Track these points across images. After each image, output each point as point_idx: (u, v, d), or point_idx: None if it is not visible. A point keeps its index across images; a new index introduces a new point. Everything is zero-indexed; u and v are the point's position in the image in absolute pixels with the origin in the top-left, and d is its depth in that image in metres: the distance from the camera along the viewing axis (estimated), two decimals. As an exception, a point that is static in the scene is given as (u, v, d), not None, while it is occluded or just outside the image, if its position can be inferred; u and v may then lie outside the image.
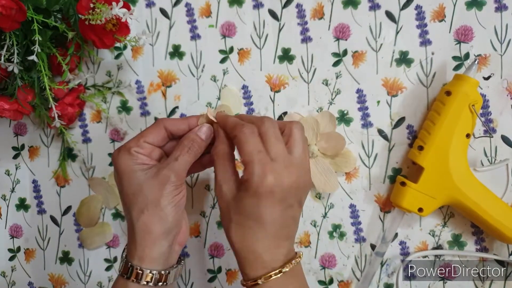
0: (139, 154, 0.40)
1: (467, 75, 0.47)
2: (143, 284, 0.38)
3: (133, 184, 0.39)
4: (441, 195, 0.47)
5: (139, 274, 0.38)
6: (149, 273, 0.38)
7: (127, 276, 0.38)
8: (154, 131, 0.41)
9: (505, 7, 0.49)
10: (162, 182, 0.38)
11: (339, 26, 0.53)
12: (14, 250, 0.62)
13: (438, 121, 0.47)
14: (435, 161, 0.47)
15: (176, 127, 0.42)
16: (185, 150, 0.40)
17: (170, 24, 0.56)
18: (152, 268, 0.38)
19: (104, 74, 0.58)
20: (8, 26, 0.44)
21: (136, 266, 0.38)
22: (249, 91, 0.55)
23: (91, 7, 0.45)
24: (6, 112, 0.51)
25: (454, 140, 0.46)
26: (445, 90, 0.47)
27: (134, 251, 0.39)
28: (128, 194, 0.39)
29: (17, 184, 0.62)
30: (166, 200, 0.38)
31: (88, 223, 0.59)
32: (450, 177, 0.46)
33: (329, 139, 0.52)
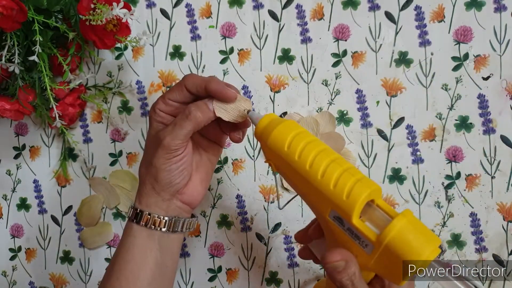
0: (161, 112, 0.41)
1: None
2: (142, 225, 0.41)
3: (147, 137, 0.43)
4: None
5: (137, 214, 0.41)
6: (147, 215, 0.41)
7: (130, 217, 0.42)
8: (177, 89, 0.41)
9: (504, 7, 0.49)
10: (157, 145, 0.40)
11: (338, 27, 0.53)
12: (15, 249, 0.63)
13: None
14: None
15: (194, 88, 0.40)
16: (185, 116, 0.39)
17: (171, 24, 0.57)
18: (151, 211, 0.41)
19: (104, 75, 0.58)
20: (9, 26, 0.44)
21: (136, 207, 0.42)
22: (249, 91, 0.55)
23: (91, 8, 0.45)
24: (7, 112, 0.51)
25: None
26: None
27: (138, 196, 0.42)
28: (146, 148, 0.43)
29: (18, 184, 0.62)
30: (157, 163, 0.40)
31: (88, 223, 0.60)
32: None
33: (329, 139, 0.52)
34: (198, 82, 0.40)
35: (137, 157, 0.58)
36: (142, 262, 0.41)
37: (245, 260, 0.56)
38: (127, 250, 0.41)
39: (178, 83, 0.41)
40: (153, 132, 0.41)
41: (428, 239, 0.31)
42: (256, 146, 0.55)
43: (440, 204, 0.51)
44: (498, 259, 0.51)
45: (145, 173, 0.42)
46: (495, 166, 0.50)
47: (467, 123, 0.50)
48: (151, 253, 0.41)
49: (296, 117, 0.53)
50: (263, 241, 0.55)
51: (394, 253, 0.30)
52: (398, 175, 0.52)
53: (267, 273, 0.55)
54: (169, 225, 0.42)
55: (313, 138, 0.36)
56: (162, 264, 0.42)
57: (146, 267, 0.41)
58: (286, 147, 0.35)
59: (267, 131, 0.37)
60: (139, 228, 0.41)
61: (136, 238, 0.41)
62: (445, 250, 0.51)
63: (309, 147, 0.34)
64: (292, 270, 0.55)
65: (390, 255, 0.30)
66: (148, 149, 0.42)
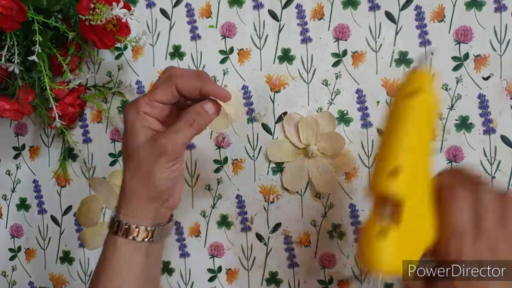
0: (147, 115, 0.39)
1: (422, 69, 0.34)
2: (130, 239, 0.39)
3: (133, 146, 0.38)
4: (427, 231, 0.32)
5: (126, 229, 0.39)
6: (135, 228, 0.39)
7: (116, 231, 0.39)
8: (166, 89, 0.38)
9: (505, 7, 0.49)
10: (158, 153, 0.37)
11: (338, 27, 0.53)
12: (14, 249, 0.63)
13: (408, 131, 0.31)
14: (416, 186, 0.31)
15: (187, 90, 0.38)
16: (188, 124, 0.38)
17: (171, 24, 0.57)
18: (138, 223, 0.39)
19: (104, 75, 0.58)
20: (9, 26, 0.44)
21: (123, 221, 0.39)
22: (249, 91, 0.55)
23: (91, 8, 0.45)
24: (7, 112, 0.51)
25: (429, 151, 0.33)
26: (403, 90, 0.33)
27: (123, 208, 0.39)
28: (126, 153, 0.39)
29: (18, 184, 0.62)
30: (158, 172, 0.38)
31: (88, 223, 0.59)
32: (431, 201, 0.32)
33: (329, 139, 0.52)
34: (191, 85, 0.38)
35: (137, 157, 0.58)
36: (129, 276, 0.39)
37: (245, 260, 0.56)
38: (112, 266, 0.39)
39: (165, 81, 0.38)
40: (143, 139, 0.38)
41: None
42: (256, 146, 0.55)
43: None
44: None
45: (139, 185, 0.39)
46: (495, 166, 0.50)
47: (467, 123, 0.50)
48: (138, 265, 0.39)
49: (296, 117, 0.53)
50: (263, 241, 0.55)
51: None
52: (398, 175, 0.52)
53: (267, 273, 0.55)
54: (154, 234, 0.40)
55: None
56: (149, 273, 0.41)
57: (133, 280, 0.39)
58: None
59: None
60: (125, 241, 0.39)
61: (122, 252, 0.39)
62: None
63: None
64: (292, 270, 0.55)
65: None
66: (143, 159, 0.38)
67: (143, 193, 0.39)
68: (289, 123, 0.53)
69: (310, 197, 0.54)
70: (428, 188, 0.32)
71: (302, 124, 0.52)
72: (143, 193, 0.39)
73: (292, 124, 0.53)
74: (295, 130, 0.53)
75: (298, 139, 0.52)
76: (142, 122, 0.38)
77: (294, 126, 0.53)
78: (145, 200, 0.39)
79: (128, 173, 0.39)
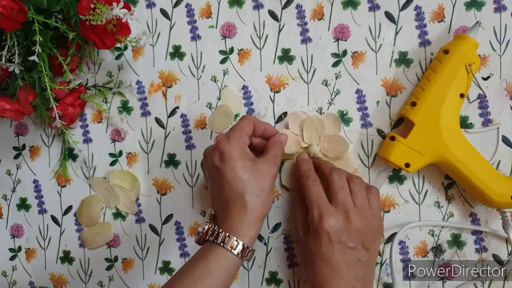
0: (245, 144, 0.46)
1: (468, 35, 0.47)
2: (233, 253, 0.42)
3: (246, 172, 0.44)
4: (429, 151, 0.47)
5: (239, 246, 0.42)
6: (239, 244, 0.42)
7: (225, 245, 0.42)
8: (248, 124, 0.46)
9: (504, 7, 0.49)
10: (271, 175, 0.45)
11: (338, 27, 0.53)
12: (15, 249, 0.63)
13: (433, 79, 0.47)
14: (427, 118, 0.46)
15: (258, 126, 0.48)
16: (280, 149, 0.48)
17: (171, 24, 0.57)
18: (244, 241, 0.43)
19: (104, 75, 0.58)
20: (9, 26, 0.44)
21: (239, 240, 0.42)
22: (249, 92, 0.55)
23: (91, 8, 0.45)
24: (7, 112, 0.51)
25: (447, 98, 0.46)
26: (443, 49, 0.48)
27: (239, 227, 0.43)
28: (242, 180, 0.43)
29: (18, 184, 0.62)
30: (272, 190, 0.45)
31: (88, 223, 0.60)
32: (440, 134, 0.46)
33: (332, 141, 0.52)
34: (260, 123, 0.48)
35: (137, 157, 0.58)
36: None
37: (245, 260, 0.56)
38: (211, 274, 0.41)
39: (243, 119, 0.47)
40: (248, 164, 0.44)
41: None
42: (256, 146, 0.55)
43: (440, 204, 0.51)
44: (498, 259, 0.51)
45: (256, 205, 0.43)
46: (495, 166, 0.50)
47: (467, 123, 0.50)
48: (227, 280, 0.43)
49: (302, 115, 0.53)
50: (263, 241, 0.55)
51: None
52: (398, 175, 0.52)
53: (267, 273, 0.55)
54: (251, 255, 0.44)
55: None
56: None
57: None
58: None
59: None
60: (232, 256, 0.42)
61: (228, 265, 0.42)
62: (445, 250, 0.51)
63: None
64: (292, 270, 0.55)
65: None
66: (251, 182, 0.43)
67: (263, 210, 0.44)
68: (293, 121, 0.53)
69: (310, 197, 0.54)
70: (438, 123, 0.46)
71: (307, 123, 0.52)
72: (263, 210, 0.44)
73: (297, 122, 0.53)
74: (299, 129, 0.53)
75: (301, 138, 0.53)
76: (244, 149, 0.46)
77: (298, 125, 0.53)
78: (262, 218, 0.44)
79: (248, 194, 0.43)
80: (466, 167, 0.46)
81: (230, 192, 0.44)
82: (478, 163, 0.47)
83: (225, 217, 0.44)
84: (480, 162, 0.47)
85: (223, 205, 0.44)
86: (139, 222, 0.59)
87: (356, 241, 0.44)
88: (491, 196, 0.46)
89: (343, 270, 0.43)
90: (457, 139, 0.47)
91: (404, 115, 0.49)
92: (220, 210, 0.45)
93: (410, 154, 0.47)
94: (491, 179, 0.46)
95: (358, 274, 0.44)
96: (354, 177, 0.47)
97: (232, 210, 0.43)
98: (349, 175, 0.48)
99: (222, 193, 0.44)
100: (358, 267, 0.44)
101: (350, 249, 0.43)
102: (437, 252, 0.52)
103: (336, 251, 0.43)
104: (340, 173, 0.47)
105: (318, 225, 0.44)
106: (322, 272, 0.44)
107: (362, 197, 0.46)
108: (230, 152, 0.44)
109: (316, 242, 0.44)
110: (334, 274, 0.43)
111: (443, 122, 0.46)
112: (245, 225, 0.43)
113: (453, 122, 0.47)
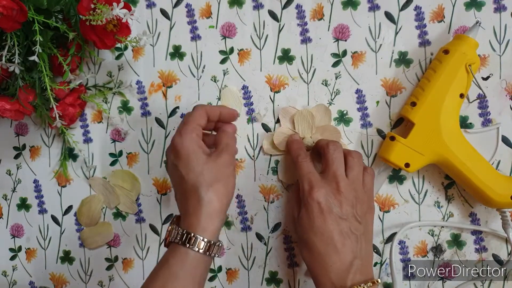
0: (198, 137, 0.45)
1: (468, 35, 0.47)
2: (195, 250, 0.41)
3: (199, 164, 0.43)
4: (429, 152, 0.47)
5: (200, 243, 0.41)
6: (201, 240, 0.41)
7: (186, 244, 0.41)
8: (201, 115, 0.46)
9: (504, 7, 0.49)
10: (226, 164, 0.44)
11: (338, 27, 0.53)
12: (15, 249, 0.63)
13: (433, 79, 0.47)
14: (427, 118, 0.47)
15: (212, 113, 0.47)
16: (230, 137, 0.47)
17: (171, 24, 0.57)
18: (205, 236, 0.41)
19: (105, 75, 0.58)
20: (9, 26, 0.44)
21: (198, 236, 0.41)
22: (249, 92, 0.55)
23: (92, 8, 0.45)
24: (8, 112, 0.51)
25: (447, 98, 0.46)
26: (443, 49, 0.48)
27: (196, 223, 0.41)
28: (195, 173, 0.43)
29: (18, 184, 0.62)
30: (230, 178, 0.44)
31: (89, 223, 0.60)
32: (440, 134, 0.46)
33: (324, 132, 0.52)
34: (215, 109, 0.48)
35: (137, 157, 0.58)
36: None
37: (245, 260, 0.56)
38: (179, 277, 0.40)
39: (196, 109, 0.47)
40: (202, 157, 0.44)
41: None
42: (256, 146, 0.55)
43: (440, 204, 0.51)
44: (498, 259, 0.51)
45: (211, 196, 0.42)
46: (495, 166, 0.50)
47: (467, 123, 0.50)
48: (201, 279, 0.42)
49: (292, 110, 0.53)
50: (263, 241, 0.55)
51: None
52: (398, 175, 0.52)
53: (267, 273, 0.56)
54: (215, 249, 0.42)
55: None
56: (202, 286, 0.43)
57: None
58: None
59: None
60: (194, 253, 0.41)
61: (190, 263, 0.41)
62: (445, 250, 0.51)
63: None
64: (292, 270, 0.55)
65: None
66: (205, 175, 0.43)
67: (221, 201, 0.43)
68: (284, 117, 0.53)
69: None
70: (438, 123, 0.46)
71: (297, 117, 0.52)
72: (221, 201, 0.43)
73: (288, 117, 0.53)
74: (291, 123, 0.53)
75: (294, 132, 0.53)
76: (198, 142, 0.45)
77: (290, 119, 0.53)
78: (222, 209, 0.43)
79: (203, 187, 0.42)
80: (466, 167, 0.46)
81: (186, 187, 0.43)
82: (478, 163, 0.47)
83: (184, 215, 0.43)
84: (480, 162, 0.47)
85: (182, 203, 0.44)
86: (139, 222, 0.59)
87: (347, 212, 0.44)
88: (491, 196, 0.46)
89: (338, 243, 0.42)
90: (457, 139, 0.47)
91: (404, 115, 0.49)
92: (181, 208, 0.44)
93: (410, 154, 0.47)
94: (491, 179, 0.46)
95: (354, 248, 0.43)
96: (353, 152, 0.47)
97: (190, 206, 0.42)
98: (348, 150, 0.48)
99: (180, 191, 0.44)
100: (353, 239, 0.43)
101: (342, 220, 0.43)
102: (437, 252, 0.52)
103: (329, 222, 0.43)
104: (336, 145, 0.47)
105: (309, 197, 0.44)
106: (318, 249, 0.43)
107: (357, 172, 0.46)
108: (183, 147, 0.43)
109: (308, 215, 0.44)
110: (329, 249, 0.42)
111: (443, 122, 0.46)
112: (203, 219, 0.41)
113: (453, 122, 0.47)
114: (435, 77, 0.47)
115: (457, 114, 0.48)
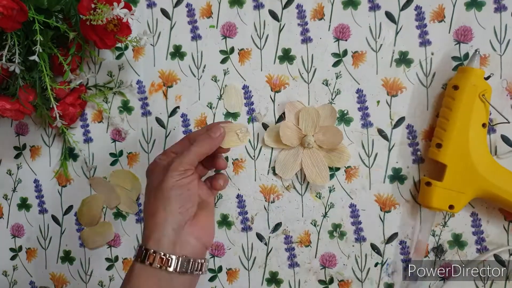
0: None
1: (471, 66, 0.47)
2: (147, 264, 0.38)
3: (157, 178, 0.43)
4: (469, 188, 0.46)
5: (146, 255, 0.39)
6: (152, 254, 0.38)
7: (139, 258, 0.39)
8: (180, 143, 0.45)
9: (505, 7, 0.49)
10: (165, 168, 0.42)
11: (339, 27, 0.53)
12: (15, 249, 0.63)
13: (451, 116, 0.47)
14: (457, 156, 0.46)
15: (195, 134, 0.45)
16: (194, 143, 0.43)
17: (171, 24, 0.57)
18: (157, 249, 0.39)
19: (105, 74, 0.58)
20: (10, 26, 0.44)
21: (143, 246, 0.39)
22: (250, 91, 0.55)
23: (92, 8, 0.46)
24: (8, 112, 0.51)
25: (471, 132, 0.46)
26: (452, 84, 0.47)
27: (145, 233, 0.41)
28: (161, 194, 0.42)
29: (19, 184, 0.62)
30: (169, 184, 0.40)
31: (89, 223, 0.60)
32: (475, 169, 0.46)
33: (327, 132, 0.52)
34: (201, 132, 0.45)
35: (137, 157, 0.58)
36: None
37: (245, 260, 0.56)
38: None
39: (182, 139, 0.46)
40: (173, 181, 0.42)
41: None
42: (257, 146, 0.55)
43: (440, 204, 0.51)
44: (499, 259, 0.50)
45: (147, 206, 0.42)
46: (495, 166, 0.50)
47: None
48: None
49: (299, 105, 0.53)
50: (264, 241, 0.55)
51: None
52: (398, 175, 0.52)
53: (267, 273, 0.55)
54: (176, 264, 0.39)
55: None
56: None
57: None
58: None
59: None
60: (144, 267, 0.38)
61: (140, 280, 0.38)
62: (446, 250, 0.51)
63: None
64: (292, 270, 0.55)
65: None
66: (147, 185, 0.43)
67: (159, 210, 0.40)
68: (290, 111, 0.53)
69: (311, 197, 0.54)
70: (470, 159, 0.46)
71: (303, 113, 0.52)
72: (159, 210, 0.40)
73: (293, 112, 0.53)
74: (296, 119, 0.53)
75: (297, 128, 0.53)
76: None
77: (295, 115, 0.53)
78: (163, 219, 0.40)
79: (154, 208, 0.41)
80: (509, 193, 0.46)
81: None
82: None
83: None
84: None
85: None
86: (140, 221, 0.59)
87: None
88: None
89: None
90: (492, 168, 0.47)
91: (433, 158, 0.48)
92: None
93: (450, 195, 0.47)
94: None
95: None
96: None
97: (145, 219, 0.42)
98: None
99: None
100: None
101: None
102: (438, 252, 0.51)
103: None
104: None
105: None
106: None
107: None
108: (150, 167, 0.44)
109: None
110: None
111: (474, 156, 0.46)
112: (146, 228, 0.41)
113: (483, 153, 0.46)
114: (452, 115, 0.46)
115: (485, 144, 0.47)
